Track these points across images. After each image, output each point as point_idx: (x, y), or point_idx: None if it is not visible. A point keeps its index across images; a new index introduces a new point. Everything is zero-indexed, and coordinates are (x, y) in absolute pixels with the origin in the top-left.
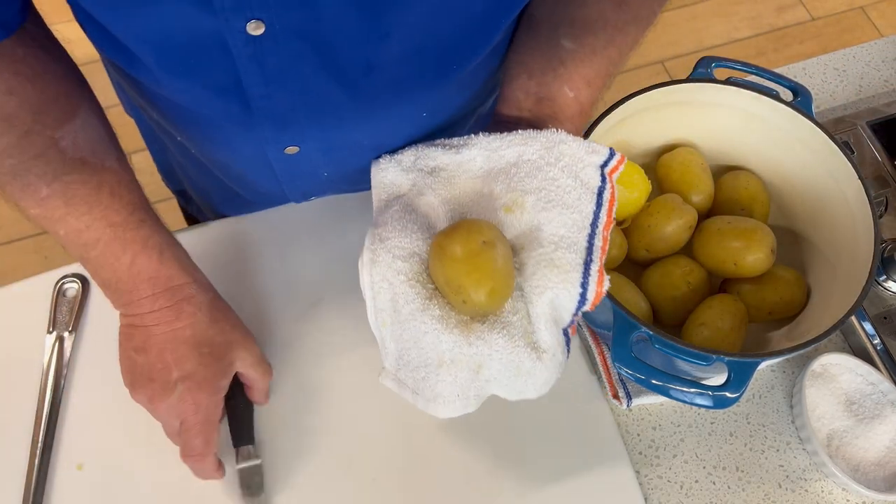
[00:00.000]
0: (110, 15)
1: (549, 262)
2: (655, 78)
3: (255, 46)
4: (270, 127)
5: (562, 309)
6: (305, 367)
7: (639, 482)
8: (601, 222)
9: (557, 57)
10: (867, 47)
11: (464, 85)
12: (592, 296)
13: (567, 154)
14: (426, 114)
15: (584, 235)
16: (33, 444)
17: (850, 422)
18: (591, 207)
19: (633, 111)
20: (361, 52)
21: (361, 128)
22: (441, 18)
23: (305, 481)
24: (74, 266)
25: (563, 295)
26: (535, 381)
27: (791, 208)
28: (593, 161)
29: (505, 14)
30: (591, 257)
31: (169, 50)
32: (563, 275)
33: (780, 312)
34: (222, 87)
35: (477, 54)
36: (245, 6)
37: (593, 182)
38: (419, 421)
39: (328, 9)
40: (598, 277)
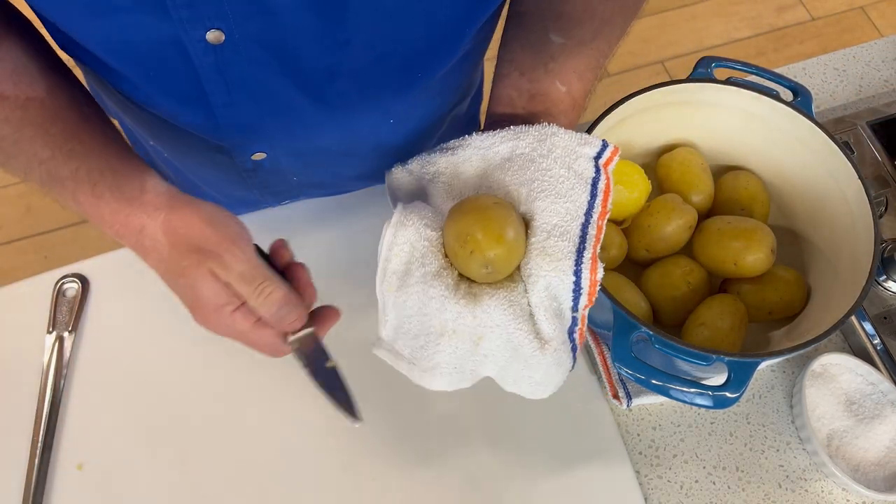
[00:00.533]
0: (71, 24)
1: (540, 250)
2: (655, 78)
3: (215, 55)
4: (236, 134)
5: (560, 299)
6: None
7: (639, 482)
8: (595, 212)
9: (547, 52)
10: (867, 47)
11: (433, 91)
12: (587, 283)
13: (559, 146)
14: (393, 120)
15: (577, 224)
16: (33, 444)
17: (850, 422)
18: (584, 197)
19: (633, 111)
20: (323, 60)
21: (328, 134)
22: (402, 26)
23: (305, 481)
24: (74, 266)
25: (557, 283)
26: (533, 373)
27: (791, 208)
28: (586, 152)
29: (469, 23)
30: (583, 245)
31: (131, 59)
32: (555, 262)
33: (780, 312)
34: (186, 96)
35: (443, 62)
36: (203, 15)
37: (587, 173)
38: (419, 421)
39: (287, 16)
40: (592, 265)
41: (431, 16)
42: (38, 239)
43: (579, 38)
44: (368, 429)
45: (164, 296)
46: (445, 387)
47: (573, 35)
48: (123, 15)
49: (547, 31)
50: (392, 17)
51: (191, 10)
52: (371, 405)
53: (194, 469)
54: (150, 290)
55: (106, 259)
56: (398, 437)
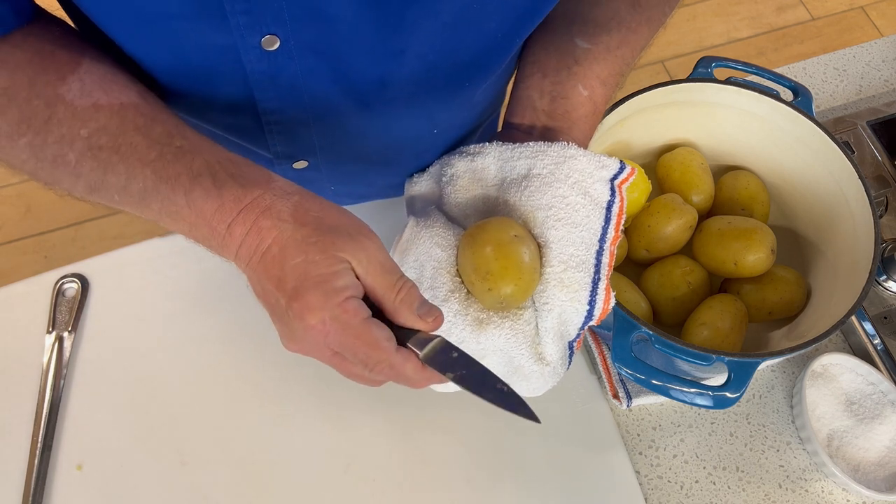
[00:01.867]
0: (124, 33)
1: (559, 281)
2: (655, 78)
3: (268, 62)
4: (281, 142)
5: (569, 324)
6: (307, 367)
7: (639, 482)
8: (609, 238)
9: (572, 55)
10: (867, 47)
11: (475, 101)
12: (599, 312)
13: (577, 170)
14: (437, 130)
15: (592, 252)
16: (33, 444)
17: (850, 422)
18: (599, 223)
19: (633, 111)
20: (375, 69)
21: (372, 142)
22: (455, 37)
23: (306, 481)
24: (74, 266)
25: (571, 311)
26: (531, 384)
27: (791, 208)
28: (603, 175)
29: (518, 33)
30: (598, 276)
31: (182, 67)
32: (572, 294)
33: (780, 312)
34: (234, 103)
35: (489, 72)
36: (261, 21)
37: (602, 197)
38: (419, 421)
39: (344, 24)
40: (605, 295)
41: (483, 27)
42: (38, 239)
43: (605, 44)
44: (368, 429)
45: (165, 296)
46: (447, 389)
47: (599, 41)
48: (179, 21)
49: (573, 35)
50: (447, 28)
51: (249, 17)
52: (371, 405)
53: (194, 469)
54: (151, 290)
55: (106, 259)
56: (398, 438)
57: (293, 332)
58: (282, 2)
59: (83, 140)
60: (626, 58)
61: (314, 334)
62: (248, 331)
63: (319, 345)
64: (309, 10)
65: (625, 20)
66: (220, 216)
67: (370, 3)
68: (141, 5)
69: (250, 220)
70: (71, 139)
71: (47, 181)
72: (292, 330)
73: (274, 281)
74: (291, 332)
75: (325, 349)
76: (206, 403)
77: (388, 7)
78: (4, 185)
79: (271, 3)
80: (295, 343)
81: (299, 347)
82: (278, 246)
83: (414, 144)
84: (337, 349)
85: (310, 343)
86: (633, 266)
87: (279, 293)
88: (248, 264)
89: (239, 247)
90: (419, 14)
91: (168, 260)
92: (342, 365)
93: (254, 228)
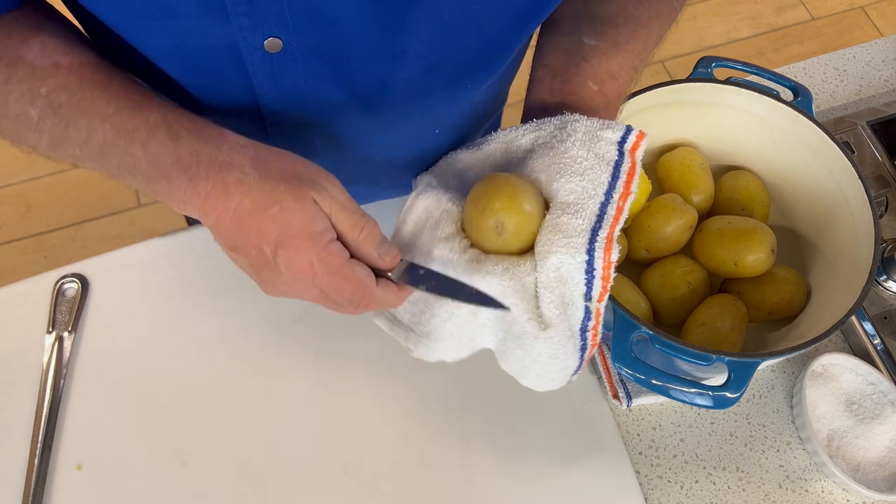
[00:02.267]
0: (127, 28)
1: (553, 227)
2: (655, 78)
3: (271, 64)
4: (283, 143)
5: (571, 283)
6: (308, 367)
7: (639, 482)
8: (617, 192)
9: (580, 53)
10: (867, 47)
11: (477, 101)
12: (600, 265)
13: (580, 130)
14: (438, 130)
15: (595, 202)
16: (33, 444)
17: (850, 422)
18: (605, 176)
19: (633, 111)
20: (377, 70)
21: (374, 143)
22: (456, 38)
23: (306, 481)
24: (74, 266)
25: (568, 262)
26: (525, 355)
27: (791, 208)
28: (608, 136)
29: (519, 34)
30: (599, 224)
31: (184, 66)
32: (567, 239)
33: (780, 312)
34: (237, 104)
35: (491, 72)
36: (263, 24)
37: (609, 155)
38: (420, 421)
39: (347, 27)
40: (606, 244)
41: (484, 28)
42: (38, 239)
43: (613, 39)
44: (368, 429)
45: (165, 296)
46: (443, 356)
47: (606, 37)
48: (182, 21)
49: (580, 34)
50: (447, 29)
51: (251, 18)
52: (371, 406)
53: (194, 469)
54: (151, 290)
55: (106, 259)
56: (398, 438)
57: (279, 277)
58: (284, 4)
59: (43, 98)
60: (638, 52)
61: (303, 277)
62: (248, 331)
63: (308, 285)
64: (311, 13)
65: (632, 15)
66: (177, 169)
67: (372, 5)
68: (145, 4)
69: (213, 175)
70: (31, 97)
71: (13, 138)
72: (278, 275)
73: (253, 233)
74: (276, 277)
75: (312, 289)
76: (206, 403)
77: (389, 9)
78: (4, 185)
79: (274, 6)
80: (281, 286)
81: (287, 290)
82: (250, 200)
83: (416, 145)
84: (324, 289)
85: (299, 285)
86: (633, 266)
87: (262, 243)
88: (219, 220)
89: (204, 201)
90: (420, 15)
91: (168, 260)
92: (327, 301)
93: (218, 184)
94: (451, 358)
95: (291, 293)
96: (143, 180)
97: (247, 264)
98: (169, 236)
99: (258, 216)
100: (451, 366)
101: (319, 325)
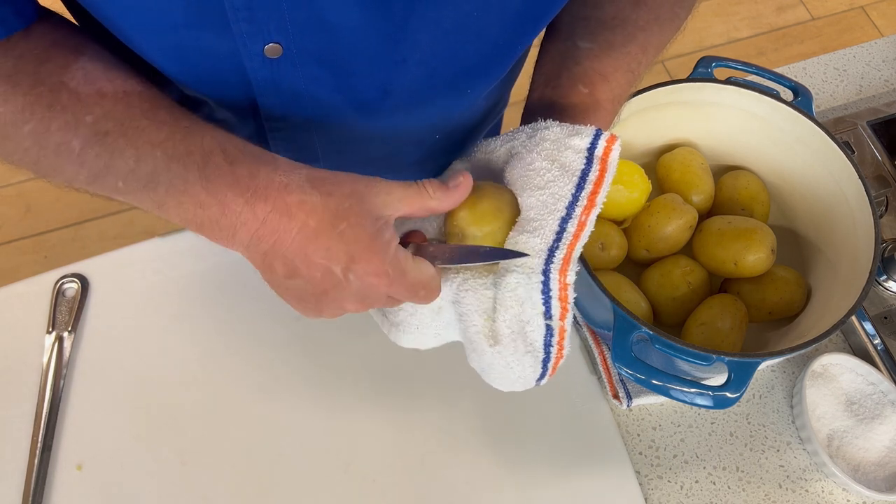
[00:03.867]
0: (126, 33)
1: (513, 245)
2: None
3: (271, 69)
4: (284, 148)
5: (527, 302)
6: (308, 366)
7: (639, 482)
8: (580, 205)
9: (573, 57)
10: (867, 47)
11: (477, 107)
12: (556, 286)
13: (549, 138)
14: (439, 135)
15: (554, 218)
16: (33, 444)
17: (850, 422)
18: (568, 189)
19: (633, 111)
20: (377, 77)
21: (374, 149)
22: (457, 44)
23: (306, 482)
24: (74, 266)
25: (525, 282)
26: (481, 360)
27: (791, 208)
28: (574, 144)
29: (520, 40)
30: (557, 243)
31: (185, 71)
32: (524, 259)
33: (780, 312)
34: (237, 109)
35: (492, 79)
36: (263, 29)
37: (574, 164)
38: (419, 421)
39: (347, 33)
40: (562, 265)
41: (485, 34)
42: (37, 239)
43: (608, 42)
44: (368, 429)
45: (165, 296)
46: (414, 344)
47: (600, 39)
48: (183, 28)
49: (575, 38)
50: (449, 35)
51: (251, 24)
52: (371, 406)
53: (194, 469)
54: (151, 290)
55: (106, 259)
56: (398, 439)
57: (346, 294)
58: (284, 10)
59: (88, 126)
60: (635, 55)
61: (376, 289)
62: (248, 330)
63: (379, 295)
64: (311, 19)
65: (629, 18)
66: (234, 191)
67: (372, 11)
68: (145, 12)
69: (272, 196)
70: (75, 125)
71: (48, 171)
72: (345, 293)
73: (321, 252)
74: (343, 295)
75: (380, 298)
76: (206, 403)
77: (390, 16)
78: (4, 185)
79: (274, 12)
80: (348, 303)
81: (352, 306)
82: (314, 219)
83: (417, 150)
84: (394, 295)
85: (370, 295)
86: (633, 266)
87: (331, 262)
88: (276, 245)
89: (261, 224)
90: (421, 23)
91: (168, 260)
92: (390, 303)
93: (279, 205)
94: (422, 346)
95: (355, 306)
96: (193, 208)
97: (306, 289)
98: (169, 236)
99: (326, 235)
100: (451, 366)
101: (320, 325)
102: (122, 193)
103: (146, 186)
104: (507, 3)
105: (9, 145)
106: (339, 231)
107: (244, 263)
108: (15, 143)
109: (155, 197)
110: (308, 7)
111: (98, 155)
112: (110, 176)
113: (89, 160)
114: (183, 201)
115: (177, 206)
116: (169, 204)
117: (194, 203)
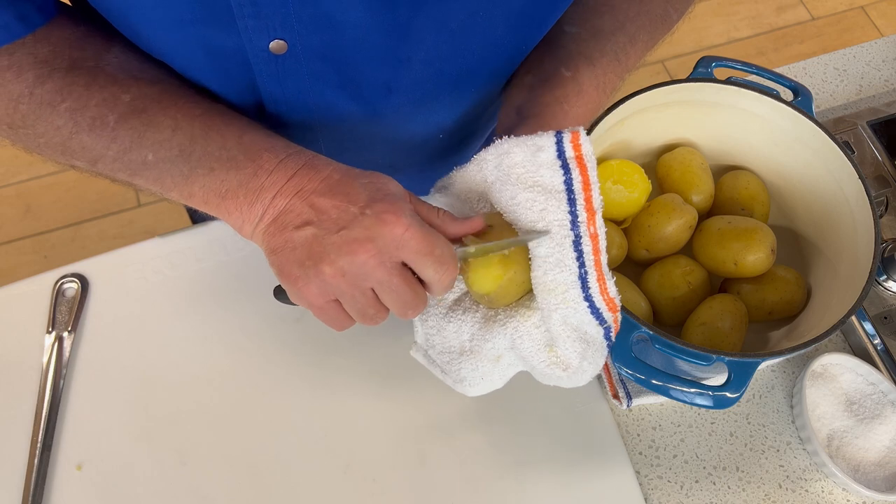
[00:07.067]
0: (132, 29)
1: (542, 287)
2: (655, 78)
3: (276, 65)
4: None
5: (583, 324)
6: (308, 367)
7: (639, 482)
8: (581, 220)
9: (557, 42)
10: (867, 47)
11: (481, 107)
12: (602, 304)
13: (516, 164)
14: (442, 135)
15: (567, 245)
16: (33, 444)
17: (850, 422)
18: (563, 210)
19: (633, 111)
20: (382, 75)
21: (378, 147)
22: (462, 44)
23: (306, 481)
24: (74, 266)
25: (572, 314)
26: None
27: (791, 208)
28: (543, 159)
29: (525, 41)
30: (583, 268)
31: (191, 68)
32: (561, 296)
33: (780, 312)
34: (242, 106)
35: (496, 79)
36: (269, 26)
37: (554, 181)
38: (419, 421)
39: (352, 31)
40: (600, 286)
41: (490, 34)
42: (37, 239)
43: (596, 27)
44: (368, 429)
45: (165, 296)
46: (479, 393)
47: (588, 25)
48: (189, 27)
49: (562, 23)
50: (454, 35)
51: (257, 21)
52: (372, 406)
53: (194, 469)
54: (151, 290)
55: (106, 259)
56: (398, 438)
57: (362, 232)
58: (290, 7)
59: (125, 104)
60: (623, 45)
61: (395, 230)
62: (249, 330)
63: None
64: (317, 16)
65: (619, 7)
66: (271, 154)
67: (378, 10)
68: (151, 9)
69: (305, 156)
70: (114, 101)
71: (75, 149)
72: (362, 229)
73: (341, 196)
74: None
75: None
76: (206, 403)
77: (395, 14)
78: (4, 185)
79: (279, 9)
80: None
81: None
82: (339, 174)
83: (420, 149)
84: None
85: (385, 240)
86: (633, 266)
87: (349, 203)
88: (301, 190)
89: (292, 175)
90: (426, 21)
91: (168, 260)
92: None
93: (308, 163)
94: (486, 391)
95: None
96: (223, 172)
97: (315, 237)
98: (169, 236)
99: (349, 182)
100: None
101: (320, 326)
102: (148, 167)
103: (179, 155)
104: (512, 3)
105: (39, 126)
106: (361, 182)
107: (244, 264)
108: (47, 123)
109: (184, 167)
110: (313, 4)
111: (133, 128)
112: (142, 148)
113: (121, 133)
114: (215, 168)
115: (206, 173)
116: (198, 173)
117: (227, 167)
